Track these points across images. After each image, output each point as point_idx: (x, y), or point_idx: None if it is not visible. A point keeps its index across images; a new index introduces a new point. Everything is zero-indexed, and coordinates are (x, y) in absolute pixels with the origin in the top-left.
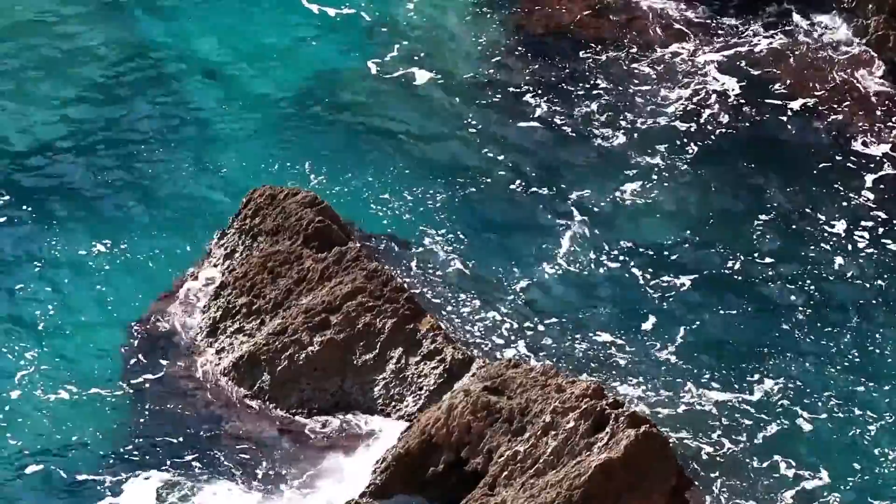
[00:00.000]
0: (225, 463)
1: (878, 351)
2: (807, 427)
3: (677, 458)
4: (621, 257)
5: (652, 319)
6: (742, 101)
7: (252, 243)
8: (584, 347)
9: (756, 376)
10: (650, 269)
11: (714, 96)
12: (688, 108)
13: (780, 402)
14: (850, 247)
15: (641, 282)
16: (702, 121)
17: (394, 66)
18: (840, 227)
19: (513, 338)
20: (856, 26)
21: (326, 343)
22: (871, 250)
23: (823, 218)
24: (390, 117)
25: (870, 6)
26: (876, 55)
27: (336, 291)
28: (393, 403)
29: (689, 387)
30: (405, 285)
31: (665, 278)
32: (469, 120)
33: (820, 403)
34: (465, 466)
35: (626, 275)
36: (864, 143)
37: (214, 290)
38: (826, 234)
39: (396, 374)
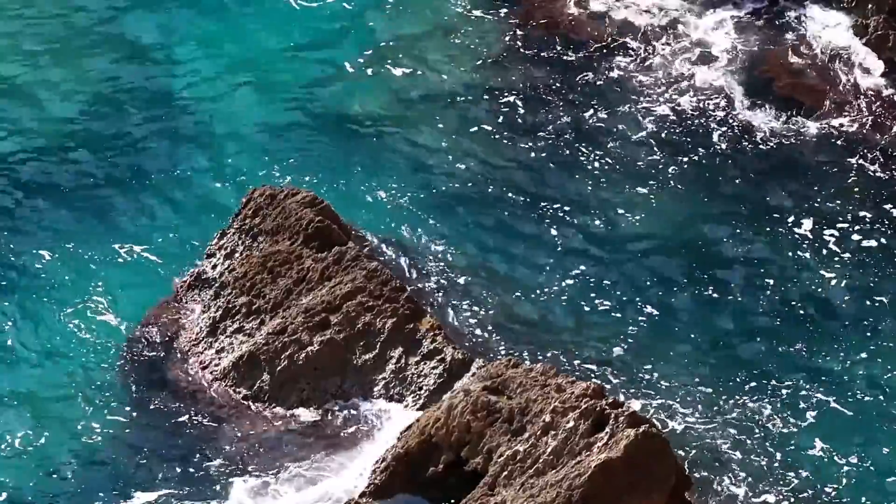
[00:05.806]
0: (224, 463)
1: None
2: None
3: (677, 458)
4: (624, 260)
5: (654, 325)
6: (741, 104)
7: (252, 243)
8: (584, 349)
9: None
10: (654, 273)
11: (711, 98)
12: (686, 111)
13: (780, 411)
14: (849, 253)
15: (644, 284)
16: (700, 123)
17: (392, 70)
18: (837, 232)
19: (513, 338)
20: (855, 26)
21: (326, 343)
22: (876, 254)
23: (822, 223)
24: (389, 120)
25: (870, 6)
26: (876, 55)
27: (336, 291)
28: (393, 403)
29: (691, 391)
30: (405, 285)
31: (669, 284)
32: (469, 123)
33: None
34: (465, 466)
35: (629, 277)
36: (864, 145)
37: (214, 290)
38: (824, 241)
39: (396, 374)
